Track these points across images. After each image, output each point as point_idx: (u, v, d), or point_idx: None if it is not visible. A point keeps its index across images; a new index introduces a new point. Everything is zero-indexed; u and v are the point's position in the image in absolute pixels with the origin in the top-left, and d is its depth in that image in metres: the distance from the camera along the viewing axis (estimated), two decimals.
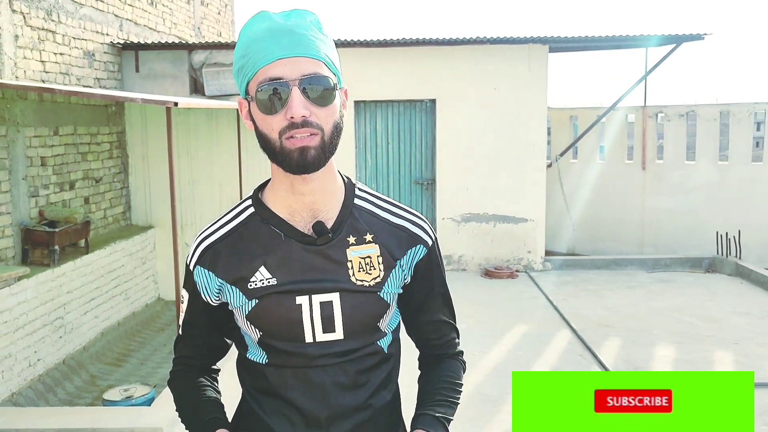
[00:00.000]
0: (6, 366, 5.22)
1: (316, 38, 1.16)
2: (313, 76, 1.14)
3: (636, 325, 6.10)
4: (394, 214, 1.33)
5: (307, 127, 1.13)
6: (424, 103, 8.15)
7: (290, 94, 1.12)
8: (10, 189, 5.80)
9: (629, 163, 9.73)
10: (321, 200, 1.25)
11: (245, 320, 1.26)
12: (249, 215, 1.29)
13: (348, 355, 1.27)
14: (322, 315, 1.24)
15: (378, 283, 1.27)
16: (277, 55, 1.13)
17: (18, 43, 5.90)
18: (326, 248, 1.24)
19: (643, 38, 8.07)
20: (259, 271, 1.24)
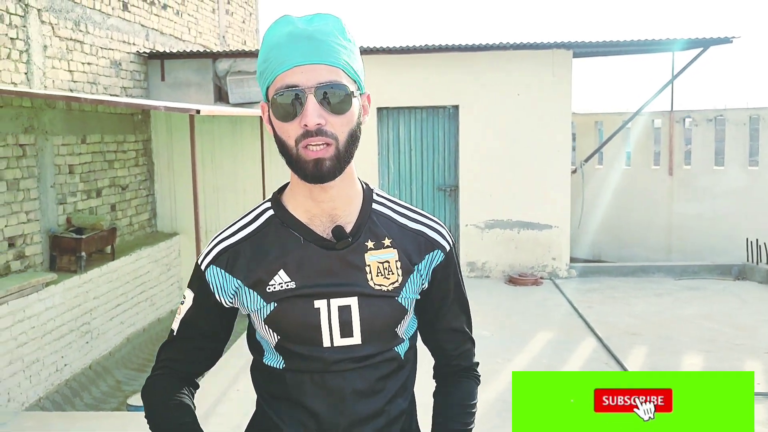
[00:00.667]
0: (34, 371, 5.30)
1: (336, 44, 1.16)
2: (329, 84, 1.13)
3: (663, 333, 5.99)
4: (412, 219, 1.33)
5: (321, 135, 1.13)
6: (447, 109, 8.13)
7: (306, 102, 1.12)
8: (38, 196, 5.90)
9: (656, 169, 9.60)
10: (340, 206, 1.25)
11: (263, 324, 1.25)
12: (269, 218, 1.28)
13: (365, 360, 1.26)
14: (341, 319, 1.23)
15: (396, 288, 1.26)
16: (295, 62, 1.13)
17: (47, 53, 6.02)
18: (345, 253, 1.24)
19: (669, 42, 7.97)
20: (278, 275, 1.23)
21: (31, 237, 5.83)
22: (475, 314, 5.54)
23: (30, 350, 5.24)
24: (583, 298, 7.18)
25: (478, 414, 4.18)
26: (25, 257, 5.75)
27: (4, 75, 5.50)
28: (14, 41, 5.61)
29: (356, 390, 1.25)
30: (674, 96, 9.12)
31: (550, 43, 7.74)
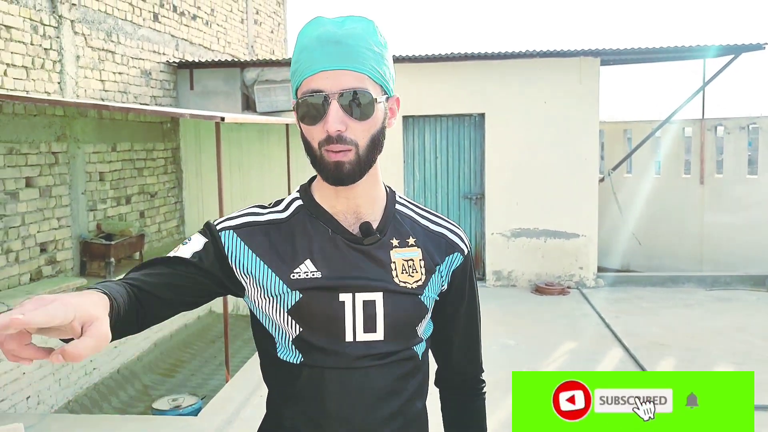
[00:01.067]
0: (63, 374, 5.40)
1: (364, 49, 1.17)
2: (352, 90, 1.15)
3: (693, 344, 5.88)
4: (432, 221, 1.36)
5: (340, 143, 1.15)
6: (473, 117, 8.12)
7: (329, 108, 1.14)
8: (70, 203, 6.03)
9: (686, 178, 9.45)
10: (365, 204, 1.27)
11: (285, 315, 1.23)
12: (297, 207, 1.30)
13: (386, 357, 1.25)
14: (365, 314, 1.23)
15: (419, 286, 1.27)
16: (321, 66, 1.15)
17: (79, 63, 6.16)
18: (371, 249, 1.25)
19: (700, 49, 7.86)
20: (304, 264, 1.23)
21: (62, 243, 5.95)
22: (500, 323, 5.54)
23: None
24: (610, 308, 7.08)
25: (503, 422, 4.14)
26: (56, 262, 5.87)
27: (38, 84, 5.64)
28: (48, 51, 5.75)
29: (375, 388, 1.24)
30: (705, 103, 8.98)
31: (577, 51, 7.68)
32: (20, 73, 5.44)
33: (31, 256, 5.58)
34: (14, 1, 5.36)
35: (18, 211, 5.41)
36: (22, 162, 5.46)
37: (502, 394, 4.73)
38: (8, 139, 5.29)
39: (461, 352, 1.41)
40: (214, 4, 9.14)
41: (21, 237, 5.45)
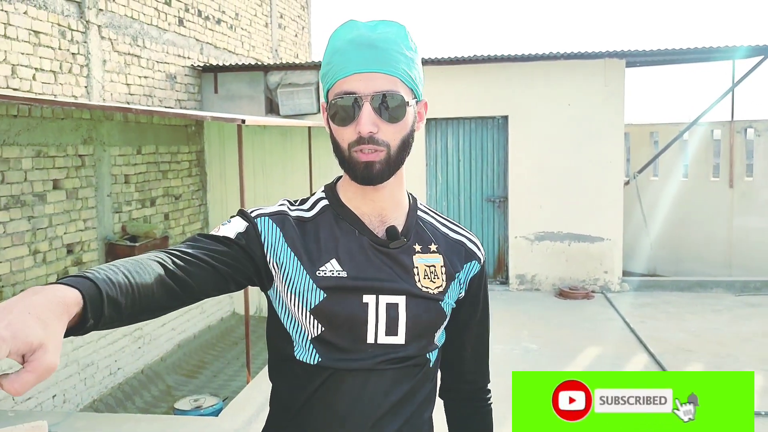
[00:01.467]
0: (88, 373, 5.48)
1: (397, 53, 1.19)
2: (385, 93, 1.17)
3: (720, 350, 5.76)
4: (451, 229, 1.37)
5: (372, 143, 1.16)
6: (496, 119, 8.07)
7: (361, 110, 1.16)
8: (96, 205, 6.13)
9: (715, 181, 9.28)
10: (389, 207, 1.28)
11: (308, 313, 1.21)
12: (323, 207, 1.30)
13: (403, 362, 1.25)
14: (388, 316, 1.23)
15: (440, 292, 1.28)
16: (354, 69, 1.17)
17: (106, 68, 6.26)
18: (395, 252, 1.26)
19: (728, 50, 7.72)
20: (330, 262, 1.23)
21: (88, 244, 6.05)
22: (523, 327, 5.52)
23: (85, 353, 5.42)
24: (635, 312, 6.98)
25: None
26: (82, 263, 5.97)
27: (66, 88, 5.74)
28: (75, 56, 5.86)
29: (390, 393, 1.23)
30: (735, 105, 8.82)
31: (602, 53, 7.60)
32: (48, 78, 5.54)
33: (58, 257, 5.68)
34: (43, 7, 5.47)
35: (45, 213, 5.51)
36: (50, 164, 5.56)
37: None
38: (37, 142, 5.40)
39: (472, 360, 1.42)
40: (238, 9, 9.23)
41: (48, 238, 5.55)
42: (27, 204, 5.31)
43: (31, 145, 5.33)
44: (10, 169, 5.14)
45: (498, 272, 8.30)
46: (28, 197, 5.33)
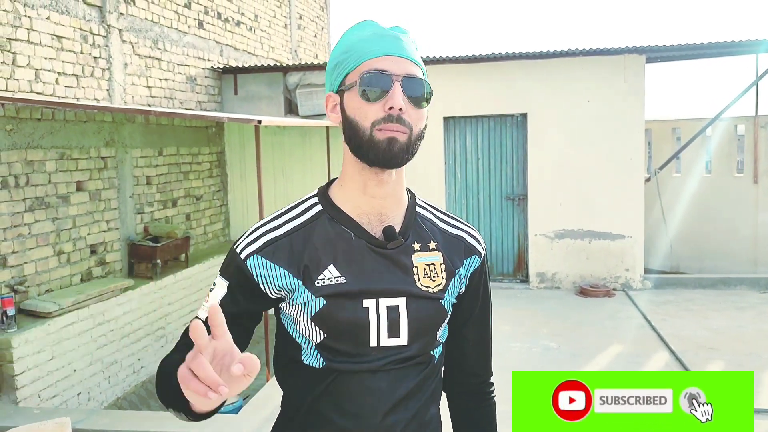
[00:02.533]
0: (112, 372, 5.58)
1: (415, 51, 1.25)
2: (414, 77, 1.20)
3: (744, 348, 5.69)
4: (451, 225, 1.36)
5: (399, 123, 1.17)
6: (515, 117, 8.04)
7: (392, 87, 1.17)
8: (118, 206, 6.22)
9: (739, 177, 9.15)
10: (390, 205, 1.26)
11: (309, 320, 1.23)
12: (317, 212, 1.28)
13: (408, 361, 1.26)
14: (389, 319, 1.23)
15: (441, 290, 1.27)
16: (386, 51, 1.20)
17: (127, 71, 6.36)
18: (394, 253, 1.25)
19: (751, 44, 7.61)
20: (327, 269, 1.22)
21: (111, 245, 6.15)
22: (543, 325, 5.51)
23: (109, 352, 5.52)
24: (657, 310, 6.92)
25: None
26: (105, 264, 6.07)
27: (88, 92, 5.84)
28: (97, 60, 5.96)
29: (396, 392, 1.25)
30: (759, 100, 8.68)
31: (622, 48, 7.53)
32: (71, 81, 5.64)
33: (82, 258, 5.78)
34: (65, 12, 5.57)
35: (69, 214, 5.61)
36: (73, 167, 5.66)
37: None
38: (60, 145, 5.50)
39: (475, 354, 1.41)
40: (257, 11, 9.30)
41: (72, 239, 5.66)
42: (51, 205, 5.41)
43: (54, 147, 5.44)
44: (35, 171, 5.24)
45: (518, 270, 8.27)
46: (52, 199, 5.43)
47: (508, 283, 8.15)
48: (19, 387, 4.58)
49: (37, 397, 4.74)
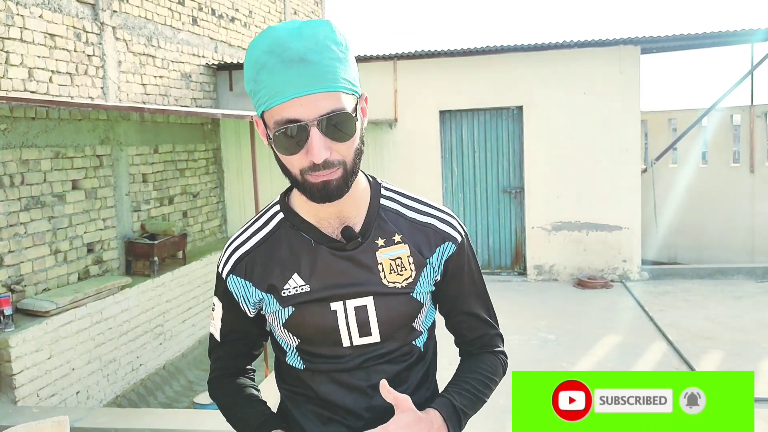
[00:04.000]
0: (111, 370, 5.57)
1: (330, 59, 1.09)
2: (331, 114, 1.09)
3: (741, 337, 5.71)
4: (420, 212, 1.32)
5: (327, 168, 1.11)
6: (511, 110, 8.04)
7: (309, 136, 1.08)
8: (114, 204, 6.20)
9: (735, 167, 9.16)
10: (347, 207, 1.24)
11: (282, 328, 1.27)
12: (279, 221, 1.29)
13: (386, 356, 1.27)
14: (358, 320, 1.24)
15: (410, 283, 1.26)
16: (292, 93, 1.07)
17: (121, 68, 6.32)
18: (356, 253, 1.24)
19: (746, 33, 7.60)
20: (292, 279, 1.24)
21: (108, 243, 6.13)
22: (540, 318, 5.53)
23: (107, 350, 5.51)
24: (654, 301, 6.93)
25: None
26: (102, 262, 6.06)
27: (82, 90, 5.81)
28: (91, 58, 5.93)
29: (378, 385, 1.24)
30: (754, 89, 8.69)
31: (616, 40, 7.52)
32: (65, 80, 5.62)
33: (79, 256, 5.76)
34: (58, 10, 5.54)
35: (65, 213, 5.59)
36: (68, 165, 5.64)
37: None
38: (55, 143, 5.47)
39: (474, 333, 1.39)
40: (251, 6, 9.26)
41: (69, 238, 5.64)
42: (47, 204, 5.39)
43: (49, 146, 5.41)
44: (30, 170, 5.22)
45: (515, 263, 8.28)
46: (48, 198, 5.41)
47: (505, 276, 8.16)
48: (17, 386, 4.57)
49: (35, 396, 4.74)
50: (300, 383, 1.31)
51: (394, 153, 8.01)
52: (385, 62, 7.94)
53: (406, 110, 8.02)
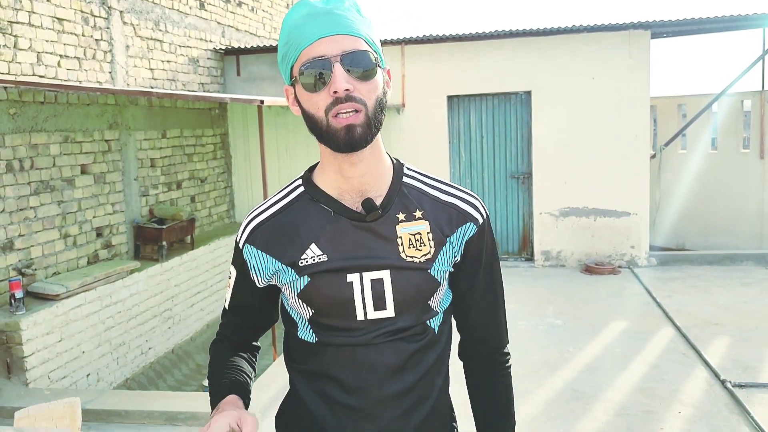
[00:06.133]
0: (120, 353, 5.63)
1: (354, 18, 1.18)
2: (354, 51, 1.15)
3: (749, 323, 5.69)
4: (443, 191, 1.32)
5: (351, 102, 1.14)
6: (519, 95, 8.00)
7: (333, 70, 1.14)
8: (123, 189, 6.24)
9: (745, 152, 9.09)
10: (369, 181, 1.25)
11: (296, 298, 1.26)
12: (299, 194, 1.30)
13: (399, 333, 1.26)
14: (373, 292, 1.23)
15: (428, 259, 1.26)
16: (318, 34, 1.15)
17: (129, 53, 6.33)
18: (376, 225, 1.24)
19: (758, 17, 7.52)
20: (310, 248, 1.24)
21: (117, 227, 6.17)
22: (548, 303, 5.54)
23: (117, 334, 5.56)
24: (662, 287, 6.92)
25: (547, 401, 4.17)
26: (111, 246, 6.10)
27: (90, 74, 5.83)
28: (99, 42, 5.94)
29: (389, 364, 1.25)
30: (765, 74, 8.61)
31: (626, 24, 7.46)
32: (73, 64, 5.63)
33: (88, 240, 5.80)
34: None
35: (74, 197, 5.63)
36: (77, 150, 5.67)
37: (548, 373, 4.71)
38: (64, 128, 5.50)
39: (481, 323, 1.38)
40: None
41: (78, 222, 5.68)
42: (56, 189, 5.43)
43: (58, 131, 5.44)
44: (39, 155, 5.25)
45: (523, 249, 8.27)
46: (57, 182, 5.44)
47: (513, 262, 8.16)
48: (29, 368, 4.63)
49: (46, 378, 4.79)
50: (310, 359, 1.30)
51: (401, 138, 8.00)
52: (393, 47, 7.91)
53: (414, 95, 8.00)
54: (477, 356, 1.42)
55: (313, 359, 1.29)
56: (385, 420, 1.26)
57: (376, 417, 1.26)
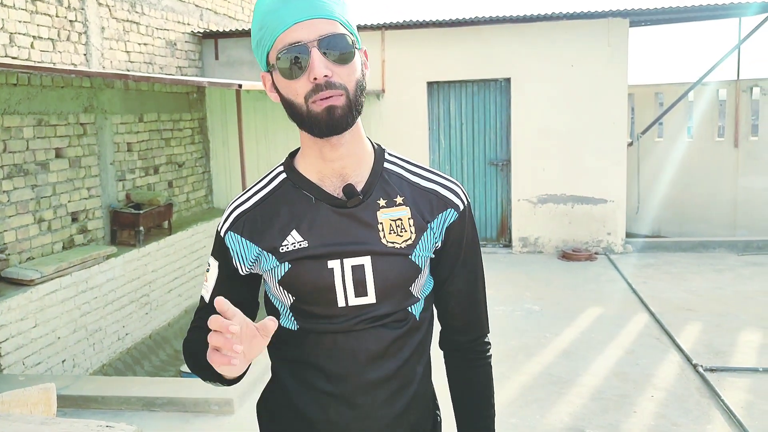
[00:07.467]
0: (97, 339, 5.58)
1: (329, 1, 1.17)
2: (331, 35, 1.14)
3: (721, 309, 5.80)
4: (424, 178, 1.32)
5: (330, 88, 1.13)
6: (498, 82, 8.01)
7: (310, 56, 1.12)
8: (99, 173, 6.15)
9: (720, 141, 9.22)
10: (350, 165, 1.24)
11: (278, 285, 1.26)
12: (281, 181, 1.30)
13: (380, 320, 1.25)
14: (354, 279, 1.23)
15: (409, 245, 1.26)
16: (293, 19, 1.14)
17: (104, 35, 6.23)
18: (356, 211, 1.24)
19: (736, 6, 7.59)
20: (291, 235, 1.24)
21: (92, 212, 6.09)
22: (525, 289, 5.60)
23: (93, 319, 5.51)
24: (638, 273, 7.02)
25: (525, 385, 4.21)
26: (87, 231, 6.03)
27: (65, 56, 5.72)
28: (73, 23, 5.83)
29: (370, 351, 1.25)
30: (741, 64, 8.72)
31: (605, 12, 7.50)
32: (47, 45, 5.53)
33: (63, 225, 5.73)
34: None
35: (49, 181, 5.55)
36: (51, 133, 5.58)
37: (525, 358, 4.77)
38: (37, 111, 5.40)
39: (462, 311, 1.38)
40: None
41: (53, 206, 5.60)
42: (30, 173, 5.34)
43: (31, 113, 5.34)
44: (12, 138, 5.16)
45: (501, 235, 8.33)
46: (31, 166, 5.35)
47: (491, 248, 8.21)
48: (3, 354, 4.57)
49: (21, 364, 4.74)
50: (292, 347, 1.29)
51: (381, 124, 7.98)
52: (373, 32, 7.87)
53: (394, 81, 7.98)
54: (457, 345, 1.41)
55: (295, 347, 1.29)
56: (366, 407, 1.26)
57: (357, 404, 1.26)
